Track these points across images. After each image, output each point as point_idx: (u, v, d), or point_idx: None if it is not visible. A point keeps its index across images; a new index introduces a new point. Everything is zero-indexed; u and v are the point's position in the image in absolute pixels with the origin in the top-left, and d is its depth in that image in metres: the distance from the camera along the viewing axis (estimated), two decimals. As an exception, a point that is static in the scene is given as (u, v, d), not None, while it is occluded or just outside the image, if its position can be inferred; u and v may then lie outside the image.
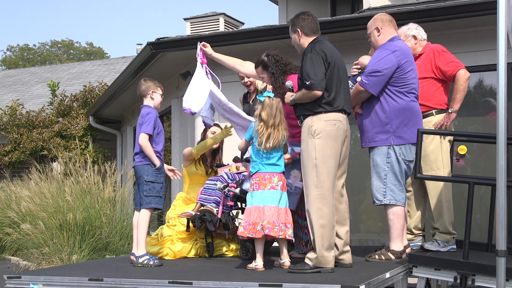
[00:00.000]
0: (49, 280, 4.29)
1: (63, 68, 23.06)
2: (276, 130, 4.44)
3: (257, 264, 4.39)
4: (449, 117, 4.96)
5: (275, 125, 4.45)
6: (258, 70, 5.04)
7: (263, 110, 4.48)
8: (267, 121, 4.45)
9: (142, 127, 4.95)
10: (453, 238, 4.87)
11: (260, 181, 4.44)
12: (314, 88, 4.21)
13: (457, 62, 4.99)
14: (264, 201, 4.38)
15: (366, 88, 4.57)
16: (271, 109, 4.47)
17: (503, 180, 3.49)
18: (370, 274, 3.93)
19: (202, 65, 5.50)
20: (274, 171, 4.46)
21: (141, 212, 4.94)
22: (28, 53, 42.11)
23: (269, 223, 4.31)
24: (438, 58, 4.99)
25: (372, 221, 7.90)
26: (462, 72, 4.92)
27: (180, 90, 10.02)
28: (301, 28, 4.47)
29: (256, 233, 4.32)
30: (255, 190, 4.44)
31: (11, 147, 15.05)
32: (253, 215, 4.37)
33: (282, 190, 4.45)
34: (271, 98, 4.52)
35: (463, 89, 4.92)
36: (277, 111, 4.47)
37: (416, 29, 5.20)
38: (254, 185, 4.46)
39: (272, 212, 4.33)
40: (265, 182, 4.42)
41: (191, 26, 14.86)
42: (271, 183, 4.42)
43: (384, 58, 4.57)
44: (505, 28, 3.50)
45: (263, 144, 4.42)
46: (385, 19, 4.79)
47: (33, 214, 9.15)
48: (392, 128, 4.58)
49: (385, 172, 4.59)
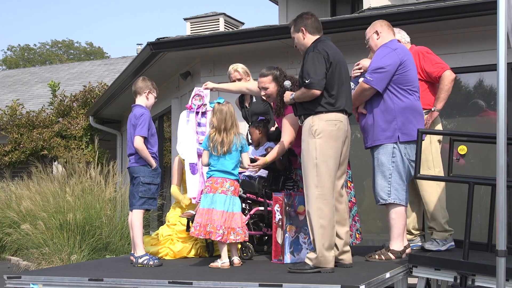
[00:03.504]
0: (49, 280, 4.28)
1: (63, 68, 23.06)
2: (228, 134, 4.62)
3: (224, 262, 4.57)
4: (431, 116, 4.99)
5: (227, 129, 4.62)
6: (266, 79, 4.92)
7: (213, 116, 4.67)
8: (218, 126, 4.63)
9: (137, 130, 4.90)
10: (450, 235, 4.89)
11: (212, 185, 4.62)
12: (313, 87, 4.21)
13: (442, 64, 5.03)
14: (213, 204, 4.57)
15: (371, 85, 4.57)
16: (221, 114, 4.64)
17: (503, 180, 3.49)
18: (370, 274, 3.92)
19: (188, 109, 5.48)
20: (227, 177, 4.64)
21: (134, 212, 4.93)
22: (28, 53, 42.11)
23: (213, 227, 4.52)
24: (423, 60, 5.03)
25: (372, 221, 7.91)
26: (447, 73, 4.97)
27: (180, 90, 10.03)
28: (305, 26, 4.46)
29: (205, 234, 4.54)
30: (207, 192, 4.63)
31: (11, 147, 15.06)
32: (203, 217, 4.56)
33: (233, 195, 4.63)
34: (220, 104, 4.69)
35: (448, 89, 4.97)
36: (228, 115, 4.64)
37: (398, 33, 5.20)
38: (206, 187, 4.65)
39: (218, 217, 4.54)
40: (217, 186, 4.62)
41: (191, 26, 14.86)
42: (222, 187, 4.61)
43: (386, 55, 4.59)
44: (505, 28, 3.49)
45: (217, 150, 4.60)
46: (384, 24, 4.84)
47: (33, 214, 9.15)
48: (397, 125, 4.58)
49: (390, 171, 4.59)
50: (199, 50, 8.57)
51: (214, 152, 4.62)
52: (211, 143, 4.63)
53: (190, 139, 5.47)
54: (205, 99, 5.49)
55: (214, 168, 4.66)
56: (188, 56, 8.96)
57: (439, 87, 5.00)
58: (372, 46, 4.84)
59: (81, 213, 8.58)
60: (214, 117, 4.66)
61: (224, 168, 4.64)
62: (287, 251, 4.77)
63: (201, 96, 5.51)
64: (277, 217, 4.83)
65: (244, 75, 5.82)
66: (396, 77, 4.58)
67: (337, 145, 4.27)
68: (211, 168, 4.68)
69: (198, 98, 5.51)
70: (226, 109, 4.66)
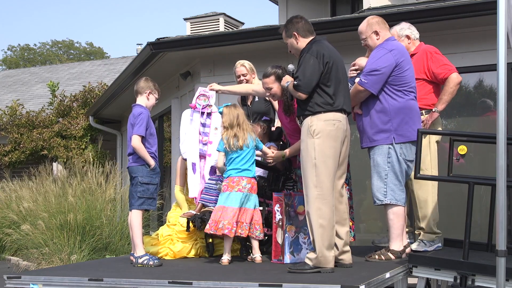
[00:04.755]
0: (49, 280, 4.28)
1: (63, 68, 23.05)
2: (241, 129, 4.84)
3: (223, 259, 4.78)
4: (432, 116, 4.98)
5: (239, 124, 4.84)
6: (269, 80, 4.92)
7: (223, 118, 4.88)
8: (230, 124, 4.84)
9: (135, 129, 4.90)
10: (437, 237, 4.93)
11: (229, 184, 4.80)
12: (299, 90, 4.27)
13: (449, 65, 5.01)
14: (228, 202, 4.74)
15: (366, 88, 4.57)
16: (229, 113, 4.86)
17: (503, 180, 3.49)
18: (370, 274, 3.92)
19: (192, 109, 5.51)
20: (244, 175, 4.82)
21: (133, 213, 4.93)
22: (28, 53, 42.12)
23: (229, 223, 4.68)
24: (431, 60, 5.01)
25: (372, 221, 7.91)
26: (454, 76, 4.95)
27: (180, 90, 10.03)
28: (297, 31, 4.46)
29: (217, 230, 4.69)
30: (224, 191, 4.80)
31: (11, 147, 15.05)
32: (216, 214, 4.75)
33: (250, 192, 4.80)
34: (227, 106, 4.92)
35: (452, 92, 4.95)
36: (237, 113, 4.87)
37: (408, 28, 5.20)
38: (224, 186, 4.83)
39: (232, 214, 4.70)
40: (233, 184, 4.79)
41: (191, 26, 14.87)
42: (238, 185, 4.78)
43: (382, 57, 4.57)
44: (505, 28, 3.49)
45: (233, 145, 4.79)
46: (380, 21, 4.79)
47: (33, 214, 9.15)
48: (393, 126, 4.58)
49: (385, 172, 4.59)
50: (199, 50, 8.57)
51: (233, 148, 4.80)
52: (226, 142, 4.81)
53: (193, 138, 5.47)
54: (210, 100, 5.51)
55: (231, 168, 4.84)
56: (188, 56, 8.96)
57: (444, 89, 4.98)
58: (371, 46, 4.82)
59: (82, 213, 8.58)
60: (225, 117, 4.86)
61: (241, 166, 4.81)
62: (287, 251, 4.77)
63: (206, 97, 5.53)
64: (277, 217, 4.84)
65: (250, 71, 5.84)
66: (392, 78, 4.57)
67: (336, 145, 4.27)
68: (228, 168, 4.85)
69: (203, 98, 5.52)
70: (235, 109, 4.90)
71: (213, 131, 5.51)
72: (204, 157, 5.47)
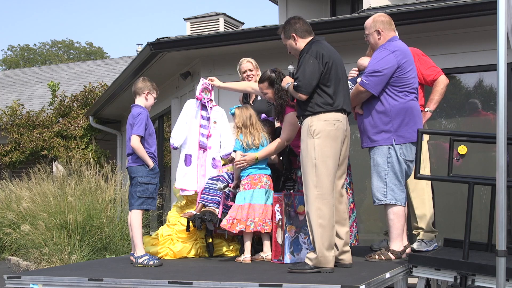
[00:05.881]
0: (49, 280, 4.28)
1: (63, 68, 23.04)
2: (254, 128, 4.99)
3: (245, 257, 4.82)
4: (425, 116, 5.03)
5: (253, 124, 4.99)
6: (263, 85, 5.04)
7: (236, 119, 5.02)
8: (243, 124, 4.98)
9: (134, 129, 4.92)
10: (435, 236, 4.99)
11: (251, 181, 4.90)
12: (300, 91, 4.28)
13: (437, 67, 5.18)
14: (255, 199, 4.84)
15: (367, 88, 4.58)
16: (241, 114, 5.00)
17: (503, 180, 3.49)
18: (370, 274, 3.92)
19: (198, 100, 5.58)
20: (263, 172, 4.95)
21: (132, 213, 4.93)
22: (28, 53, 42.13)
23: (260, 220, 4.79)
24: (418, 62, 5.05)
25: (372, 221, 7.90)
26: (443, 78, 5.13)
27: (180, 90, 10.03)
28: (295, 32, 4.46)
29: (246, 227, 4.77)
30: (247, 189, 4.89)
31: (11, 147, 15.05)
32: (243, 212, 4.81)
33: (269, 189, 4.93)
34: (239, 108, 5.07)
35: (443, 93, 5.13)
36: (249, 113, 5.00)
37: None
38: (245, 185, 4.91)
39: (262, 210, 4.82)
40: (256, 182, 4.90)
41: (191, 26, 14.85)
42: (261, 182, 4.90)
43: (384, 58, 4.57)
44: (505, 28, 3.49)
45: (250, 143, 4.93)
46: (386, 21, 4.78)
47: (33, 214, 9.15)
48: (393, 128, 4.58)
49: (385, 172, 4.59)
50: (199, 50, 8.56)
51: (251, 146, 4.93)
52: (243, 140, 4.95)
53: (193, 129, 5.48)
54: (211, 94, 5.61)
55: (251, 167, 4.93)
56: (188, 56, 8.96)
57: (435, 90, 5.10)
58: (372, 43, 4.83)
59: (82, 213, 8.58)
60: (237, 118, 5.00)
61: (259, 164, 4.94)
62: (287, 251, 4.77)
63: (208, 90, 5.62)
64: (277, 217, 4.84)
65: (255, 68, 5.85)
66: (393, 79, 4.58)
67: (336, 145, 4.27)
68: (248, 168, 4.94)
69: (206, 91, 5.58)
70: (247, 109, 5.04)
71: (213, 125, 5.57)
72: (204, 149, 5.55)
